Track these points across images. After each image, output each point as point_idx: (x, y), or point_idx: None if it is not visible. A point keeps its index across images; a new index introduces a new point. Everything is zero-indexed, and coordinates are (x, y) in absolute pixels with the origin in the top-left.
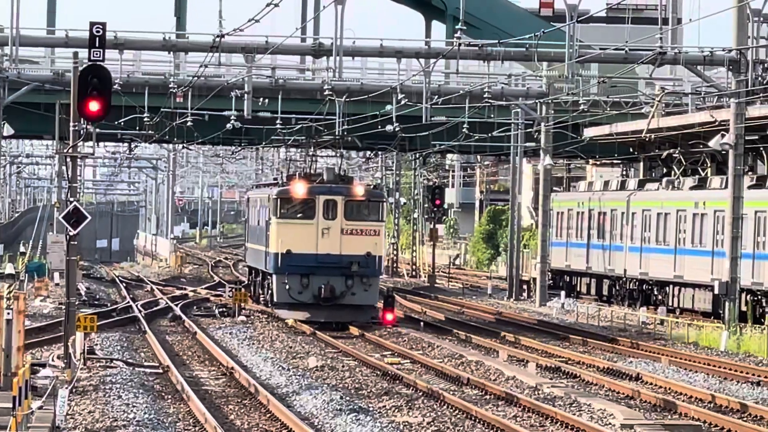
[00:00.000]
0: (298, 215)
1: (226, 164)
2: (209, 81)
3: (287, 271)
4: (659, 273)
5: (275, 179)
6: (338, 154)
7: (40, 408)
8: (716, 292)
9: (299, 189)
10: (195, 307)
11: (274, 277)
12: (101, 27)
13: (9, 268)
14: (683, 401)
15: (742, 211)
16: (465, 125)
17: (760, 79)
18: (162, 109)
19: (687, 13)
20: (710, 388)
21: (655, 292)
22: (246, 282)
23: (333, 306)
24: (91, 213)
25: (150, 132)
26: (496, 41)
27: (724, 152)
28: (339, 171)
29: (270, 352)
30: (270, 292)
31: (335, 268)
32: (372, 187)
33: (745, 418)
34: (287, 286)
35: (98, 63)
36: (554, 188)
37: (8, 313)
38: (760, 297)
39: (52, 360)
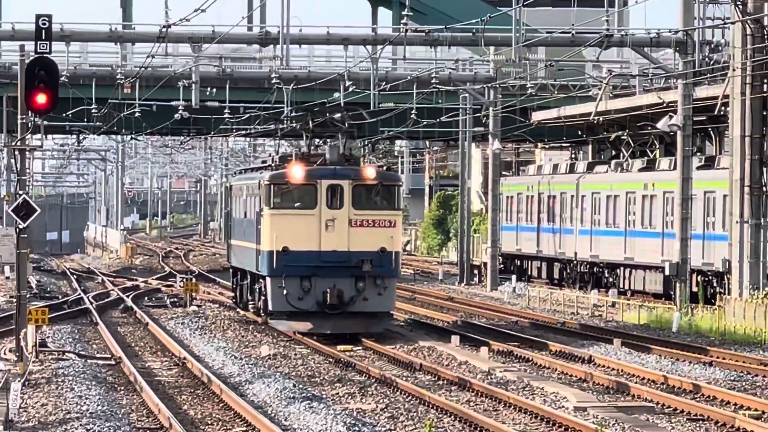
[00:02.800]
0: (297, 204)
1: (175, 154)
2: (156, 71)
3: (284, 273)
4: (610, 255)
5: (264, 162)
6: (342, 131)
7: None
8: (667, 273)
9: (297, 172)
10: (146, 298)
11: (268, 280)
12: (47, 19)
13: None
14: (636, 383)
15: (692, 192)
16: (413, 111)
17: (707, 60)
18: (110, 101)
19: None
20: (662, 369)
21: (606, 275)
22: (232, 286)
23: (341, 314)
24: (40, 206)
25: (98, 123)
26: (443, 27)
27: (672, 134)
28: (344, 150)
29: (222, 341)
30: (263, 298)
31: (343, 268)
32: (384, 168)
33: (697, 399)
34: (285, 292)
35: (45, 55)
36: (503, 172)
37: None
38: (710, 277)
39: (4, 353)
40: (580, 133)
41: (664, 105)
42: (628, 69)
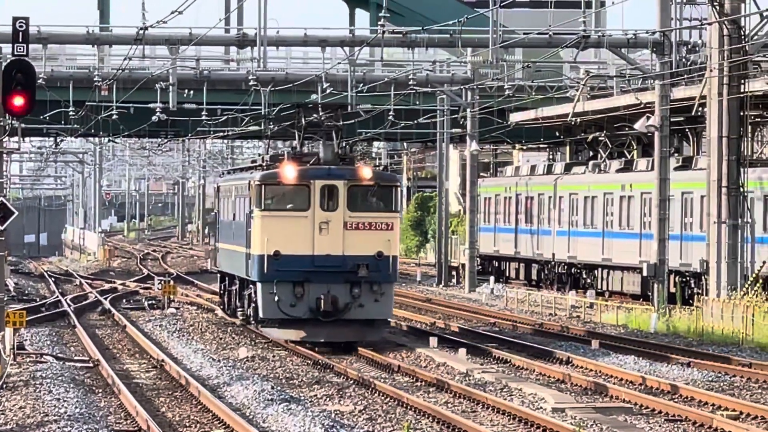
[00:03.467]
0: (289, 206)
1: (153, 157)
2: (134, 73)
3: (276, 278)
4: (587, 256)
5: (254, 162)
6: (336, 128)
7: None
8: (645, 274)
9: (289, 172)
10: (124, 300)
11: (258, 286)
12: (24, 22)
13: None
14: (614, 384)
15: (669, 193)
16: (391, 113)
17: (684, 60)
18: (87, 103)
19: None
20: (640, 370)
21: (584, 276)
22: (219, 292)
23: (336, 322)
24: (18, 208)
25: (75, 126)
26: (420, 28)
27: (649, 134)
28: (339, 149)
29: (200, 343)
30: (253, 305)
31: (337, 273)
32: (382, 168)
33: (675, 400)
34: (276, 298)
35: (22, 58)
36: (481, 174)
37: None
38: (688, 278)
39: None
40: (557, 134)
41: (642, 106)
42: (606, 70)
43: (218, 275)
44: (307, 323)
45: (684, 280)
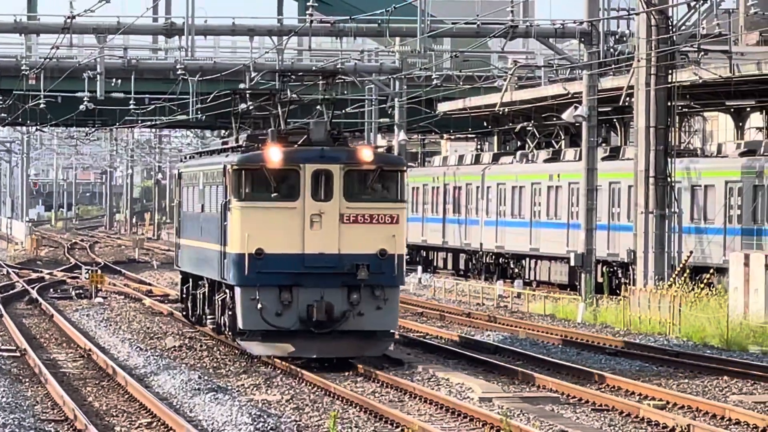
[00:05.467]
0: (274, 195)
1: (81, 146)
2: (61, 62)
3: (258, 282)
4: (515, 246)
5: (225, 142)
6: (327, 98)
7: None
8: (572, 264)
9: (274, 154)
10: (52, 290)
11: (237, 291)
12: None
13: None
14: (541, 373)
15: (597, 183)
16: (319, 102)
17: (612, 50)
18: (14, 92)
19: None
20: (567, 359)
21: (512, 266)
22: (180, 296)
23: (330, 334)
24: None
25: (3, 115)
26: (348, 17)
27: (577, 124)
28: (331, 127)
29: (127, 333)
30: (229, 313)
31: (332, 276)
32: (384, 150)
33: (602, 389)
34: (259, 306)
35: None
36: (409, 163)
37: None
38: (615, 268)
39: None
40: (485, 124)
41: (569, 96)
42: (534, 60)
43: (180, 277)
44: (297, 335)
45: (611, 270)
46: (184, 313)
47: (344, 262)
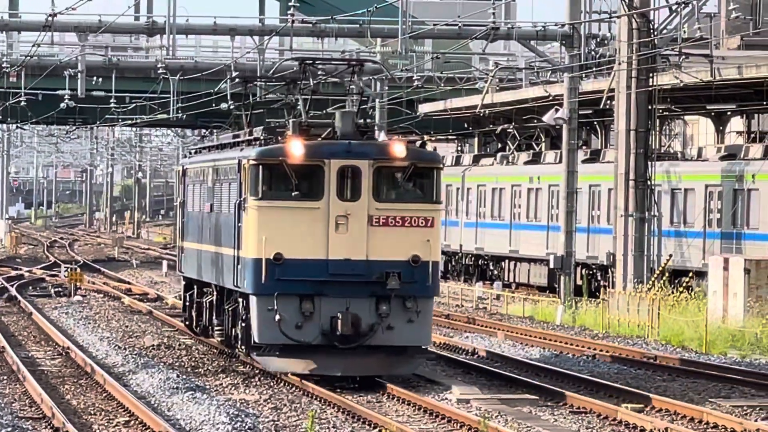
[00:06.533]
0: (295, 193)
1: (61, 144)
2: (42, 60)
3: (277, 291)
4: (495, 248)
5: (236, 135)
6: (356, 89)
7: None
8: (551, 266)
9: (296, 148)
10: (31, 288)
11: (252, 300)
12: None
13: None
14: (519, 375)
15: (577, 186)
16: (299, 102)
17: (593, 53)
18: None
19: None
20: (546, 362)
21: (491, 267)
22: (183, 304)
23: (356, 349)
24: None
25: None
26: (330, 18)
27: (558, 127)
28: (358, 118)
29: (106, 331)
30: (242, 325)
31: (359, 285)
32: (419, 144)
33: (580, 392)
34: (277, 317)
35: None
36: None
37: None
38: (595, 270)
39: None
40: (466, 125)
41: (550, 98)
42: (515, 62)
43: (183, 282)
44: (319, 351)
45: (590, 272)
46: (188, 323)
47: (373, 269)
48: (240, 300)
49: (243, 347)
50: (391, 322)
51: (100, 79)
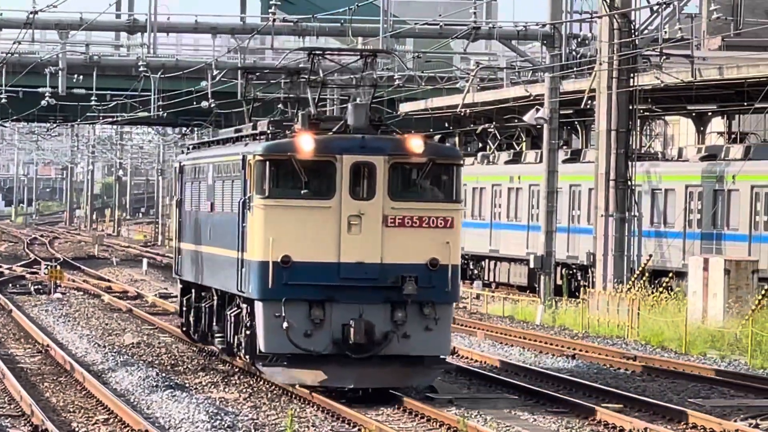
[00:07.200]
0: (304, 192)
1: (42, 141)
2: (23, 58)
3: (285, 296)
4: (475, 248)
5: (238, 130)
6: (367, 81)
7: None
8: (532, 266)
9: (306, 143)
10: (10, 285)
11: (259, 306)
12: None
13: None
14: (499, 375)
15: (557, 185)
16: (281, 101)
17: (574, 53)
18: None
19: None
20: (525, 361)
21: (471, 267)
22: (180, 308)
23: (370, 359)
24: None
25: None
26: (311, 16)
27: (538, 126)
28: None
29: (86, 329)
30: (246, 332)
31: (373, 290)
32: (437, 139)
33: (560, 391)
34: (285, 324)
35: None
36: None
37: None
38: (575, 270)
39: None
40: (447, 125)
41: (531, 98)
42: (496, 62)
43: (180, 286)
44: (329, 361)
45: (571, 272)
46: (185, 328)
47: (388, 273)
48: (244, 306)
49: (247, 356)
50: (407, 331)
51: (81, 77)
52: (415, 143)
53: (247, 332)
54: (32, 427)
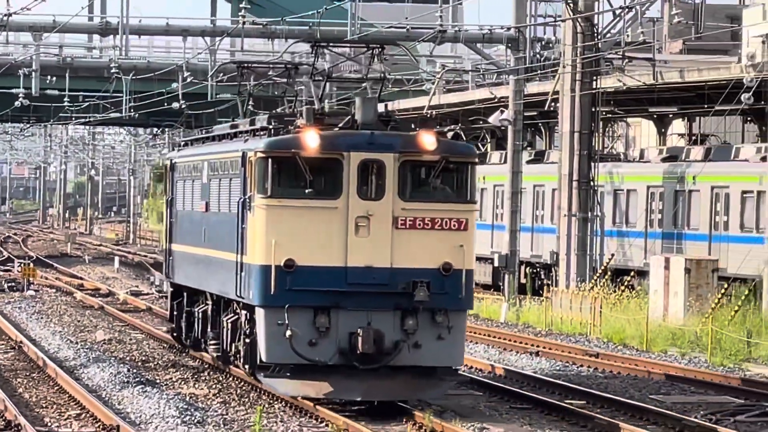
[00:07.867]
0: (309, 191)
1: (15, 141)
2: None
3: (288, 303)
4: None
5: (235, 125)
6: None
7: None
8: (496, 264)
9: (311, 139)
10: None
11: (260, 313)
12: None
13: None
14: (463, 372)
15: (521, 186)
16: (251, 102)
17: (538, 56)
18: None
19: None
20: (489, 359)
21: None
22: (170, 313)
23: (378, 370)
24: None
25: None
26: (280, 19)
27: (503, 128)
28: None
29: (59, 325)
30: (245, 341)
31: (382, 296)
32: (451, 136)
33: (524, 388)
34: (287, 332)
35: None
36: None
37: None
38: (538, 269)
39: None
40: (413, 126)
41: (496, 100)
42: (461, 64)
43: (170, 291)
44: (336, 371)
45: (534, 271)
46: (175, 334)
47: (398, 278)
48: (243, 312)
49: (246, 366)
50: (418, 339)
51: (54, 78)
52: (428, 140)
53: (247, 340)
54: (5, 422)
